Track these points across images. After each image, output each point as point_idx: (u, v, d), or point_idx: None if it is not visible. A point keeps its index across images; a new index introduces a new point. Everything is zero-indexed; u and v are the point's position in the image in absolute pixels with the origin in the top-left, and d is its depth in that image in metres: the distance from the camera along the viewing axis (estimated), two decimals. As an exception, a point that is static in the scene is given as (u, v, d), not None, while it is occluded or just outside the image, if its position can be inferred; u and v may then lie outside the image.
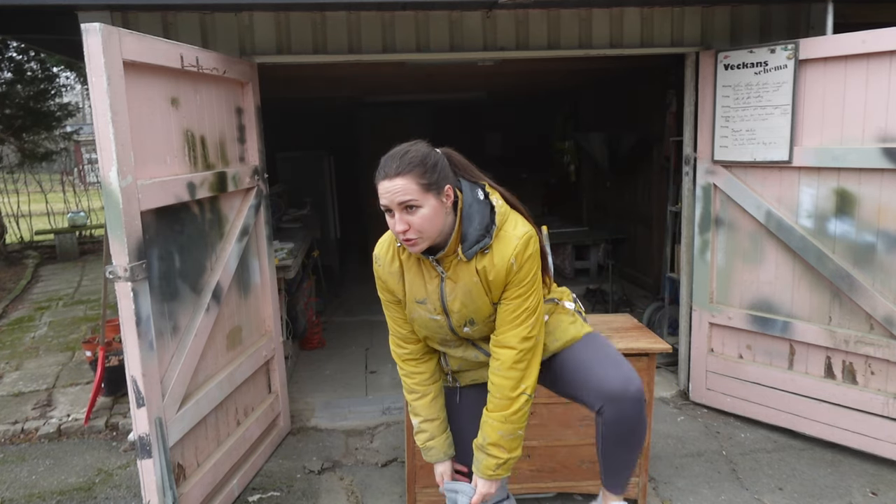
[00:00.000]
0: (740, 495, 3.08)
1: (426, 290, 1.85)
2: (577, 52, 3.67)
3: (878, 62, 3.07)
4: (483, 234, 1.75)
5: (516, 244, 1.76)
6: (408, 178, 1.66)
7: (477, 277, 1.79)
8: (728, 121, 3.61)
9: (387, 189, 1.67)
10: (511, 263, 1.76)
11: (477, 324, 1.87)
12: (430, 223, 1.69)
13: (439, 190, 1.71)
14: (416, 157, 1.70)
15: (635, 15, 3.65)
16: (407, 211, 1.67)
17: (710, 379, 3.92)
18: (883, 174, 3.13)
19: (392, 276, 1.91)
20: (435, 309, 1.85)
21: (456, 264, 1.79)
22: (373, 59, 3.54)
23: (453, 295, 1.81)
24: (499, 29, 3.58)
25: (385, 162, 1.71)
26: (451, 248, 1.76)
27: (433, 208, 1.69)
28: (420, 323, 1.93)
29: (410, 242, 1.71)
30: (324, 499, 3.13)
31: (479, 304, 1.83)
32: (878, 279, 3.20)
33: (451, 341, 1.96)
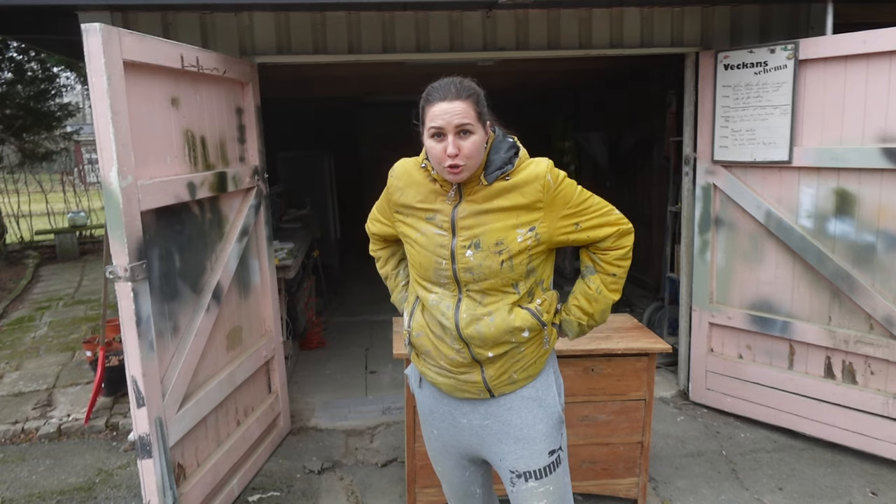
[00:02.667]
0: (740, 495, 3.08)
1: (438, 209, 1.81)
2: (577, 52, 3.67)
3: (878, 62, 3.07)
4: (506, 162, 1.76)
5: (546, 164, 1.78)
6: (467, 103, 1.67)
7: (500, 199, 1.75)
8: (728, 121, 3.61)
9: (445, 111, 1.66)
10: (548, 180, 1.75)
11: (482, 249, 1.75)
12: (478, 151, 1.70)
13: (485, 123, 1.74)
14: (472, 86, 1.72)
15: (635, 15, 3.65)
16: (461, 135, 1.67)
17: (710, 379, 3.92)
18: (883, 174, 3.13)
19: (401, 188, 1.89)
20: (443, 225, 1.80)
21: (476, 189, 1.77)
22: (373, 59, 3.55)
23: (465, 212, 1.77)
24: (499, 29, 3.58)
25: (441, 85, 1.71)
26: (476, 175, 1.75)
27: (481, 137, 1.71)
28: (426, 239, 1.83)
29: (457, 169, 1.69)
30: (324, 499, 3.13)
31: (492, 225, 1.76)
32: (877, 279, 3.20)
33: (444, 277, 1.81)
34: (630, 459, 2.92)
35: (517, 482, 1.87)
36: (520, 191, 1.75)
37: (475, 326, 1.78)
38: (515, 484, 1.88)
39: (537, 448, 1.86)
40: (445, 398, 1.93)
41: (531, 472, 1.86)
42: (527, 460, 1.86)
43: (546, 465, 1.87)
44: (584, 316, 1.91)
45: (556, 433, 1.90)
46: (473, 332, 1.79)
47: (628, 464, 2.92)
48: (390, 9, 3.42)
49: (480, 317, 1.78)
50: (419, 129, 1.76)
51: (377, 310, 6.35)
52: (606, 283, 1.90)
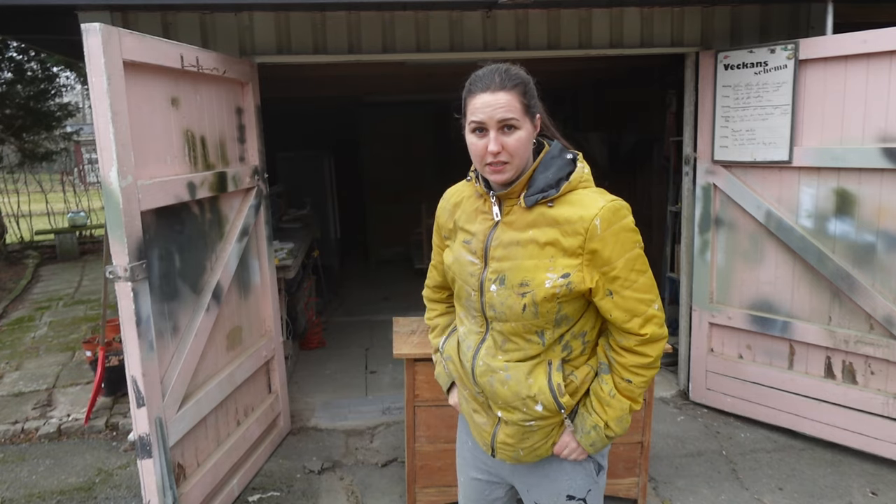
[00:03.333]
0: (740, 495, 3.08)
1: (475, 230, 1.65)
2: (577, 52, 3.67)
3: (878, 62, 3.07)
4: (551, 185, 1.54)
5: (603, 208, 1.50)
6: (512, 95, 1.48)
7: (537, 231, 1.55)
8: (728, 121, 3.61)
9: (487, 103, 1.48)
10: (594, 225, 1.48)
11: (505, 286, 1.56)
12: (524, 148, 1.51)
13: (534, 115, 1.54)
14: (519, 75, 1.52)
15: (635, 15, 3.65)
16: (504, 131, 1.49)
17: (710, 379, 3.92)
18: (883, 174, 3.13)
19: (447, 211, 1.76)
20: (477, 252, 1.63)
21: (516, 210, 1.58)
22: (373, 59, 3.55)
23: (499, 240, 1.58)
24: (499, 29, 3.58)
25: (484, 75, 1.52)
26: (516, 191, 1.56)
27: (528, 133, 1.52)
28: (458, 270, 1.68)
29: (499, 168, 1.50)
30: (324, 499, 3.13)
31: (521, 261, 1.55)
32: (877, 279, 3.20)
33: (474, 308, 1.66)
34: (630, 459, 2.92)
35: None
36: (561, 229, 1.52)
37: (489, 378, 1.63)
38: None
39: (557, 488, 1.71)
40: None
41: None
42: (547, 499, 1.72)
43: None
44: (600, 420, 1.62)
45: (580, 483, 1.71)
46: (486, 383, 1.64)
47: (628, 464, 2.92)
48: (390, 9, 3.41)
49: (496, 370, 1.62)
50: (461, 121, 1.58)
51: (377, 310, 6.35)
52: (621, 387, 1.61)
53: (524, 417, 1.62)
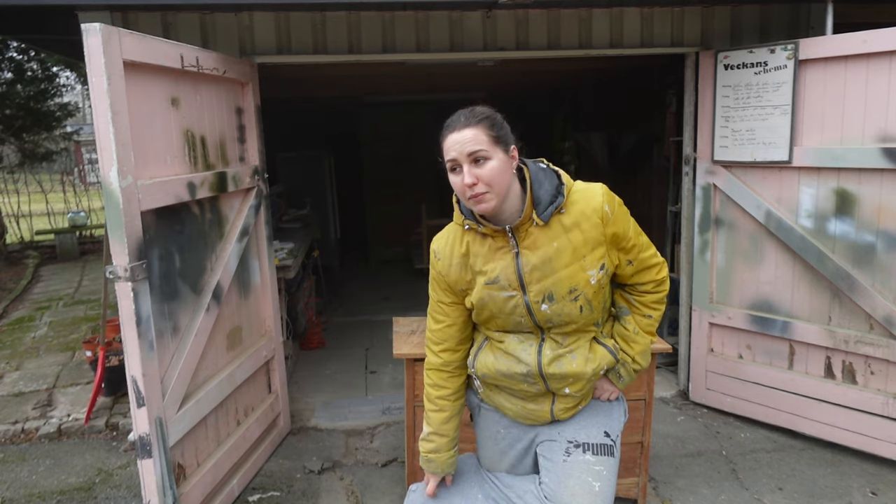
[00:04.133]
0: (740, 495, 3.08)
1: (499, 267, 1.72)
2: (577, 52, 3.67)
3: (878, 62, 3.07)
4: (555, 194, 1.68)
5: (601, 192, 1.70)
6: (477, 129, 1.62)
7: (561, 240, 1.68)
8: (728, 121, 3.61)
9: (455, 141, 1.62)
10: (605, 211, 1.68)
11: (556, 300, 1.70)
12: (500, 177, 1.62)
13: (507, 146, 1.66)
14: (484, 111, 1.67)
15: (635, 15, 3.65)
16: (476, 163, 1.61)
17: (710, 379, 3.92)
18: (883, 174, 3.13)
19: (455, 266, 1.79)
20: (510, 284, 1.71)
21: (533, 231, 1.69)
22: (373, 59, 3.55)
23: (530, 266, 1.69)
24: (499, 29, 3.58)
25: (453, 118, 1.67)
26: (527, 214, 1.67)
27: (502, 162, 1.62)
28: (493, 308, 1.76)
29: (479, 198, 1.61)
30: (324, 499, 3.14)
31: (560, 273, 1.68)
32: (877, 279, 3.20)
33: (525, 327, 1.78)
34: (630, 459, 2.92)
35: (573, 452, 1.85)
36: (580, 228, 1.68)
37: (557, 364, 1.78)
38: (571, 453, 1.84)
39: (596, 422, 1.89)
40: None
41: (589, 445, 1.85)
42: (587, 431, 1.87)
43: (602, 444, 1.86)
44: (627, 357, 1.87)
45: (614, 423, 1.92)
46: (555, 369, 1.78)
47: (628, 464, 2.92)
48: (390, 9, 3.42)
49: (563, 355, 1.78)
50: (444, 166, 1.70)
51: (377, 310, 6.35)
52: (642, 324, 1.87)
53: (589, 382, 1.83)
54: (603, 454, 1.85)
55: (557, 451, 1.86)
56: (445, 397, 1.94)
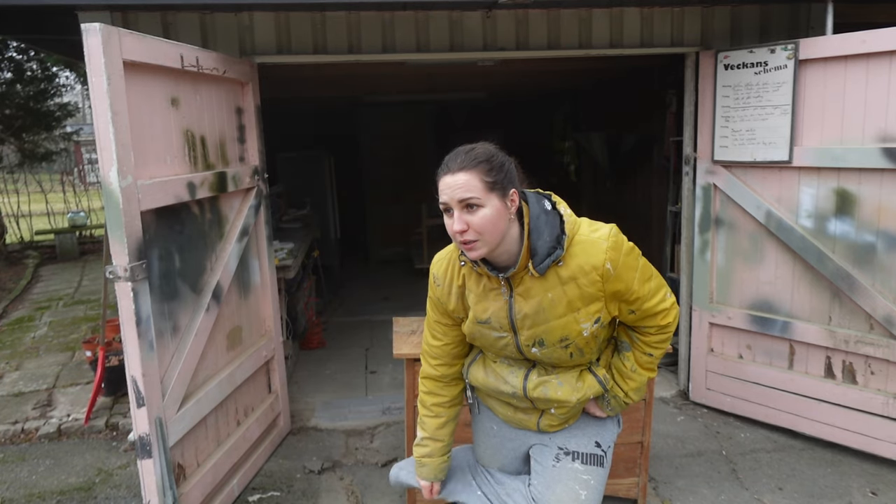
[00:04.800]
0: (740, 495, 3.08)
1: (491, 309, 1.69)
2: (577, 52, 3.67)
3: (878, 62, 3.07)
4: (554, 246, 1.59)
5: (605, 248, 1.59)
6: (471, 174, 1.52)
7: (555, 292, 1.62)
8: (728, 121, 3.61)
9: (448, 185, 1.54)
10: (607, 269, 1.59)
11: (546, 346, 1.69)
12: (493, 225, 1.54)
13: (504, 192, 1.56)
14: (483, 153, 1.57)
15: (635, 15, 3.65)
16: (467, 210, 1.53)
17: (710, 379, 3.92)
18: (883, 174, 3.13)
19: (453, 296, 1.77)
20: (501, 326, 1.70)
21: (528, 280, 1.63)
22: (373, 59, 3.55)
23: (522, 312, 1.65)
24: (499, 29, 3.58)
25: (449, 158, 1.60)
26: (522, 265, 1.61)
27: (496, 210, 1.54)
28: (484, 342, 1.78)
29: (468, 245, 1.55)
30: (324, 499, 3.13)
31: (552, 323, 1.64)
32: (877, 279, 3.20)
33: (517, 360, 1.81)
34: (630, 459, 2.92)
35: (563, 458, 1.86)
36: (577, 282, 1.61)
37: (542, 389, 1.79)
38: (560, 460, 1.86)
39: (588, 432, 1.90)
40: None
41: (579, 454, 1.86)
42: (578, 440, 1.88)
43: (592, 453, 1.87)
44: (620, 392, 1.86)
45: (606, 434, 1.93)
46: (540, 394, 1.79)
47: (628, 464, 2.92)
48: (390, 9, 3.42)
49: (548, 381, 1.79)
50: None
51: (377, 310, 6.35)
52: (642, 361, 1.82)
53: (574, 408, 1.84)
54: (592, 464, 1.86)
55: (548, 455, 1.88)
56: (441, 404, 1.96)
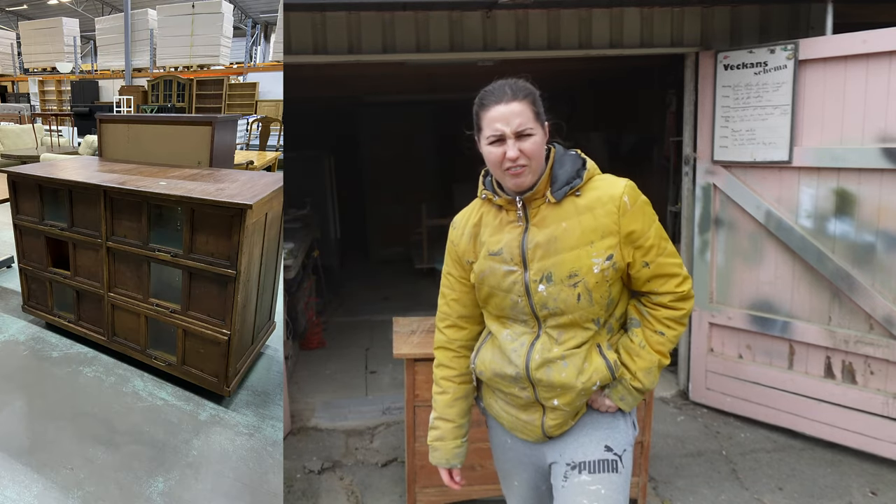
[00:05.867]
0: (740, 495, 3.08)
1: (504, 240, 1.70)
2: (577, 52, 3.67)
3: (878, 62, 3.07)
4: (573, 176, 1.66)
5: (625, 184, 1.66)
6: (524, 104, 1.60)
7: (571, 221, 1.64)
8: (728, 121, 3.61)
9: (502, 114, 1.59)
10: (624, 202, 1.63)
11: (554, 282, 1.63)
12: (540, 152, 1.63)
13: (543, 123, 1.65)
14: (527, 87, 1.65)
15: (635, 15, 3.65)
16: (521, 138, 1.59)
17: (710, 379, 3.92)
18: (883, 174, 3.13)
19: (466, 235, 1.78)
20: (512, 258, 1.68)
21: (544, 208, 1.66)
22: (373, 59, 3.55)
23: (534, 242, 1.65)
24: (499, 29, 3.58)
25: (495, 88, 1.64)
26: (540, 190, 1.65)
27: (541, 138, 1.63)
28: (492, 282, 1.71)
29: (520, 172, 1.60)
30: (324, 499, 3.13)
31: (564, 255, 1.63)
32: (877, 279, 3.20)
33: (522, 313, 1.70)
34: (630, 459, 2.91)
35: (570, 475, 1.73)
36: (593, 213, 1.64)
37: (545, 370, 1.68)
38: (568, 477, 1.73)
39: (596, 436, 1.75)
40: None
41: (586, 464, 1.72)
42: (585, 448, 1.75)
43: (601, 460, 1.72)
44: (627, 373, 1.72)
45: (618, 435, 1.77)
46: (543, 375, 1.68)
47: (628, 464, 2.92)
48: (390, 9, 3.42)
49: (553, 360, 1.67)
50: (475, 136, 1.68)
51: (377, 310, 6.35)
52: (651, 340, 1.71)
53: (579, 397, 1.70)
54: (602, 471, 1.71)
55: (558, 475, 1.77)
56: (450, 378, 1.88)
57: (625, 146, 6.48)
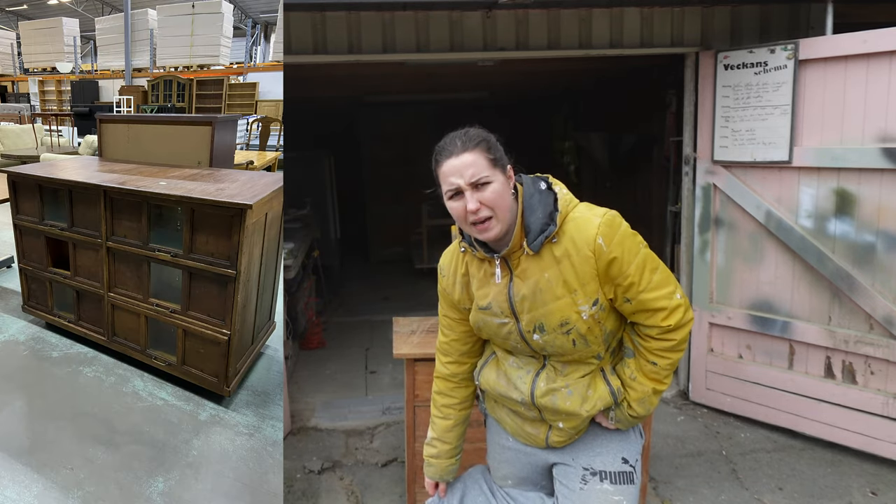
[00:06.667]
0: (740, 495, 3.08)
1: (491, 294, 1.69)
2: (577, 52, 3.67)
3: (878, 62, 3.07)
4: (547, 223, 1.60)
5: (598, 223, 1.57)
6: (475, 153, 1.56)
7: (552, 271, 1.60)
8: (728, 121, 3.61)
9: (455, 168, 1.56)
10: (599, 245, 1.56)
11: (547, 332, 1.64)
12: (503, 199, 1.57)
13: (504, 167, 1.61)
14: (478, 133, 1.62)
15: (635, 15, 3.65)
16: (478, 189, 1.55)
17: (710, 379, 3.92)
18: (883, 174, 3.13)
19: (457, 285, 1.78)
20: (502, 311, 1.68)
21: (524, 260, 1.63)
22: (373, 59, 3.54)
23: (520, 294, 1.64)
24: (499, 29, 3.58)
25: (447, 143, 1.61)
26: (516, 243, 1.62)
27: (502, 185, 1.58)
28: (489, 331, 1.75)
29: (483, 225, 1.56)
30: (324, 499, 3.13)
31: (550, 306, 1.61)
32: (877, 279, 3.20)
33: (525, 351, 1.74)
34: (630, 459, 2.91)
35: (590, 480, 1.74)
36: (570, 260, 1.59)
37: (550, 398, 1.70)
38: (588, 481, 1.74)
39: (612, 448, 1.78)
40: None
41: (607, 473, 1.75)
42: (603, 458, 1.76)
43: (621, 471, 1.75)
44: (624, 402, 1.73)
45: (632, 447, 1.80)
46: (548, 402, 1.71)
47: (628, 464, 2.92)
48: (390, 9, 3.41)
49: (557, 389, 1.70)
50: (439, 193, 1.64)
51: (377, 310, 6.35)
52: (645, 370, 1.70)
53: (584, 421, 1.74)
54: (622, 482, 1.74)
55: (574, 477, 1.78)
56: (451, 406, 1.93)
57: (625, 146, 6.48)
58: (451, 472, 1.98)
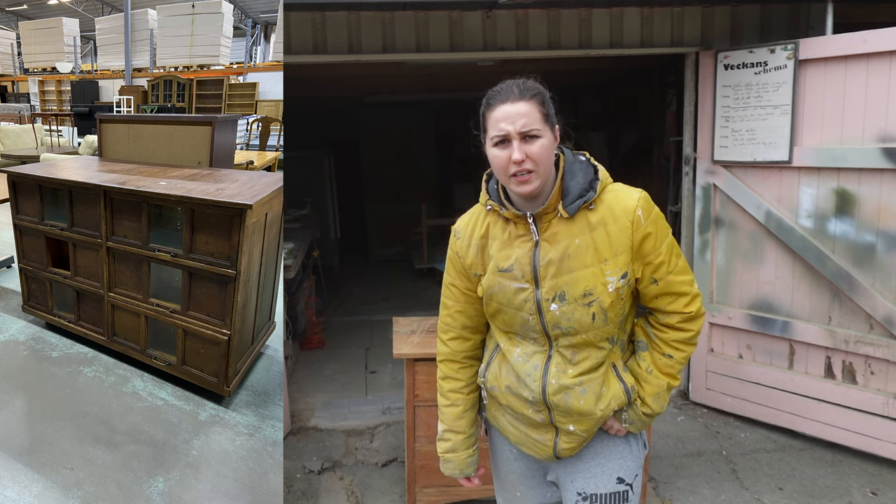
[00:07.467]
0: (740, 495, 3.08)
1: (514, 256, 1.60)
2: (577, 52, 3.67)
3: (878, 62, 3.07)
4: (587, 189, 1.56)
5: (638, 196, 1.57)
6: (531, 104, 1.51)
7: (584, 238, 1.56)
8: (728, 121, 3.61)
9: (508, 114, 1.50)
10: (638, 216, 1.54)
11: (568, 301, 1.56)
12: (547, 157, 1.52)
13: (553, 126, 1.56)
14: (536, 86, 1.56)
15: (635, 15, 3.65)
16: (526, 140, 1.50)
17: (710, 379, 3.92)
18: (883, 174, 3.13)
19: (473, 247, 1.68)
20: (523, 275, 1.59)
21: (556, 223, 1.57)
22: (372, 59, 3.54)
23: (546, 258, 1.57)
24: (499, 29, 3.58)
25: (503, 88, 1.55)
26: (552, 204, 1.56)
27: (550, 142, 1.53)
28: (502, 299, 1.63)
29: (525, 178, 1.50)
30: (324, 499, 3.13)
31: (577, 273, 1.55)
32: (877, 279, 3.20)
33: (532, 331, 1.63)
34: (630, 459, 2.91)
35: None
36: (606, 228, 1.55)
37: (563, 396, 1.62)
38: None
39: (609, 468, 1.72)
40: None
41: (598, 496, 1.70)
42: (597, 480, 1.71)
43: (613, 493, 1.70)
44: (637, 399, 1.68)
45: (630, 464, 1.74)
46: (560, 401, 1.63)
47: (628, 464, 2.92)
48: (390, 9, 3.41)
49: (571, 387, 1.62)
50: (481, 138, 1.59)
51: (377, 310, 6.35)
52: (659, 363, 1.65)
53: (598, 423, 1.67)
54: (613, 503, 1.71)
55: (569, 501, 1.75)
56: (457, 390, 1.81)
57: (625, 146, 6.48)
58: (472, 465, 1.86)
